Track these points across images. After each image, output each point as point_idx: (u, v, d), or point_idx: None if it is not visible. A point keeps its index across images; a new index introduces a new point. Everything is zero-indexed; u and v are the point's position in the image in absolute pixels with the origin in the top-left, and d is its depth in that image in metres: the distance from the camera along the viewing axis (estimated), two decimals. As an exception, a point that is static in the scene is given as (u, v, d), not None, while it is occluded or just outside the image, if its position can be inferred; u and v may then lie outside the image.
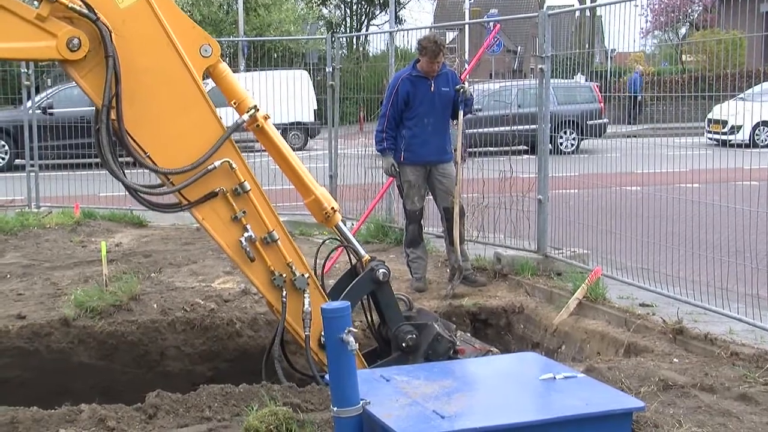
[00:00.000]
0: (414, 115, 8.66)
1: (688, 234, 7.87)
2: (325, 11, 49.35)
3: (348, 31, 52.18)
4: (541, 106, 9.06)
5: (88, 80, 5.44)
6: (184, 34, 5.65)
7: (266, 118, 5.95)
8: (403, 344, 6.22)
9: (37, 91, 16.28)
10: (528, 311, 8.26)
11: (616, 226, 8.57)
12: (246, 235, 5.79)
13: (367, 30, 53.03)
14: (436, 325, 6.35)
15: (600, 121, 11.15)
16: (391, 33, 12.18)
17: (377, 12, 57.41)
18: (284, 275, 5.92)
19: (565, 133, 12.10)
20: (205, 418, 5.24)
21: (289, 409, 5.10)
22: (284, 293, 5.91)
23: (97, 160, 13.93)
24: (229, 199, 5.76)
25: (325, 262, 6.41)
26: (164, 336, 7.80)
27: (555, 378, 4.50)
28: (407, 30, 13.60)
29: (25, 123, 14.39)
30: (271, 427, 4.85)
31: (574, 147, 11.93)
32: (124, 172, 5.67)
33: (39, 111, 14.98)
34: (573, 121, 12.13)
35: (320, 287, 6.13)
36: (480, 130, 11.63)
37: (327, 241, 6.61)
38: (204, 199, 5.73)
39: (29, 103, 14.44)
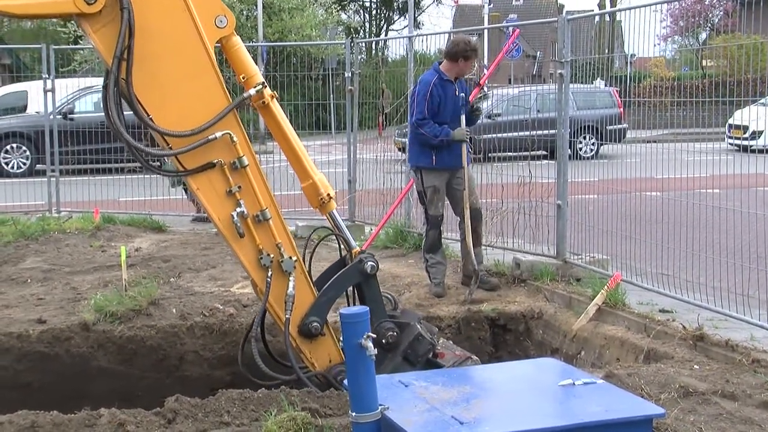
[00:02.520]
0: (442, 120, 8.62)
1: (708, 240, 7.83)
2: (344, 16, 49.42)
3: (367, 36, 52.25)
4: (560, 111, 9.03)
5: (101, 35, 5.48)
6: (201, 2, 5.69)
7: (273, 96, 5.98)
8: (383, 341, 6.21)
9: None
10: (547, 317, 8.23)
11: (636, 232, 8.53)
12: (239, 210, 5.81)
13: (386, 35, 53.09)
14: (418, 326, 6.35)
15: (620, 126, 11.11)
16: (410, 38, 12.18)
17: (396, 17, 57.52)
18: (272, 256, 5.93)
19: (585, 138, 12.07)
20: (224, 423, 5.24)
21: (308, 414, 5.10)
22: (270, 274, 5.93)
23: (117, 165, 13.94)
24: (226, 172, 5.77)
25: (314, 250, 6.43)
26: (183, 341, 7.82)
27: (574, 384, 4.47)
28: (426, 35, 13.56)
29: (46, 128, 14.49)
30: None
31: (593, 152, 11.90)
32: (127, 130, 5.67)
33: (60, 116, 15.06)
34: (592, 126, 12.10)
35: (306, 273, 6.14)
36: (499, 135, 11.62)
37: (319, 229, 6.63)
38: (201, 168, 5.75)
39: (50, 108, 14.53)
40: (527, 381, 4.79)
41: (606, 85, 11.25)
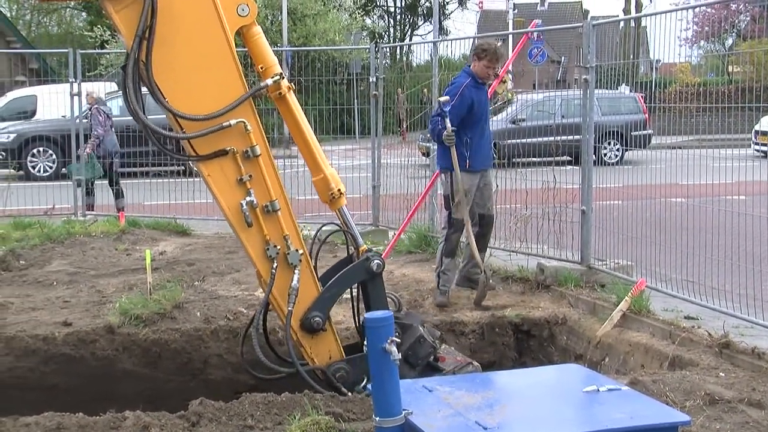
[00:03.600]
0: (476, 123, 8.58)
1: (734, 246, 7.77)
2: (368, 21, 49.48)
3: (391, 41, 52.27)
4: (585, 117, 9.00)
5: (123, 16, 5.55)
6: None
7: (290, 88, 6.00)
8: None
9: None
10: (571, 323, 8.19)
11: (661, 238, 8.49)
12: (248, 199, 5.83)
13: (410, 40, 53.09)
14: (420, 328, 6.35)
15: (644, 132, 11.07)
16: (435, 43, 12.18)
17: (421, 22, 57.52)
18: (278, 247, 5.94)
19: (609, 143, 12.03)
20: (248, 426, 5.25)
21: (332, 419, 5.10)
22: (275, 265, 5.93)
23: (142, 169, 14.02)
24: (238, 161, 5.80)
25: (321, 245, 6.48)
26: (207, 344, 7.84)
27: (599, 390, 4.46)
28: (451, 40, 13.59)
29: (72, 132, 14.58)
30: (314, 436, 4.86)
31: (618, 158, 11.85)
32: (144, 110, 5.71)
33: (86, 120, 15.16)
34: (617, 132, 12.06)
35: (312, 267, 6.16)
36: (523, 140, 11.60)
37: (327, 225, 6.66)
38: (213, 155, 5.77)
39: (76, 113, 14.62)
40: (551, 387, 4.78)
41: (631, 91, 11.21)
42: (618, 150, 11.96)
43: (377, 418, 4.12)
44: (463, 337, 8.11)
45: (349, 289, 6.58)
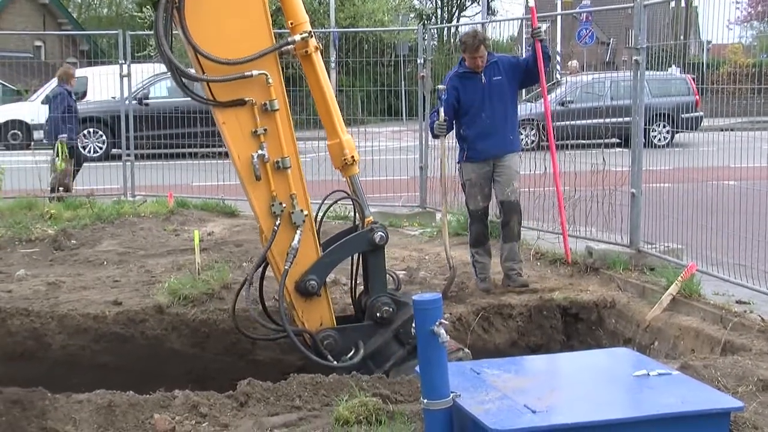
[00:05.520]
0: (468, 112, 8.46)
1: (787, 230, 7.65)
2: (416, 2, 49.26)
3: (439, 22, 52.01)
4: (635, 99, 8.89)
5: None
6: None
7: (317, 48, 6.01)
8: (378, 314, 6.25)
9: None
10: (620, 306, 8.12)
11: (712, 221, 8.37)
12: (260, 152, 5.84)
13: (458, 21, 52.78)
14: None
15: (695, 114, 10.93)
16: (483, 24, 12.10)
17: (468, 3, 57.11)
18: (284, 205, 5.95)
19: (659, 126, 11.89)
20: (296, 407, 5.28)
21: (379, 400, 5.10)
22: (278, 222, 5.94)
23: (191, 150, 14.07)
24: (255, 113, 5.83)
25: (327, 210, 6.55)
26: (255, 325, 7.86)
27: (649, 375, 4.42)
28: (499, 21, 13.49)
29: (122, 113, 14.70)
30: (361, 417, 4.87)
31: (667, 140, 11.71)
32: (171, 49, 5.79)
33: (135, 101, 15.28)
34: (667, 114, 11.91)
35: (315, 231, 6.17)
36: (572, 122, 11.50)
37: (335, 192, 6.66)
38: (231, 103, 5.79)
39: (126, 94, 14.74)
40: (601, 371, 4.75)
41: (681, 73, 11.06)
42: (668, 132, 11.82)
43: (425, 400, 4.12)
44: (510, 319, 8.08)
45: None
